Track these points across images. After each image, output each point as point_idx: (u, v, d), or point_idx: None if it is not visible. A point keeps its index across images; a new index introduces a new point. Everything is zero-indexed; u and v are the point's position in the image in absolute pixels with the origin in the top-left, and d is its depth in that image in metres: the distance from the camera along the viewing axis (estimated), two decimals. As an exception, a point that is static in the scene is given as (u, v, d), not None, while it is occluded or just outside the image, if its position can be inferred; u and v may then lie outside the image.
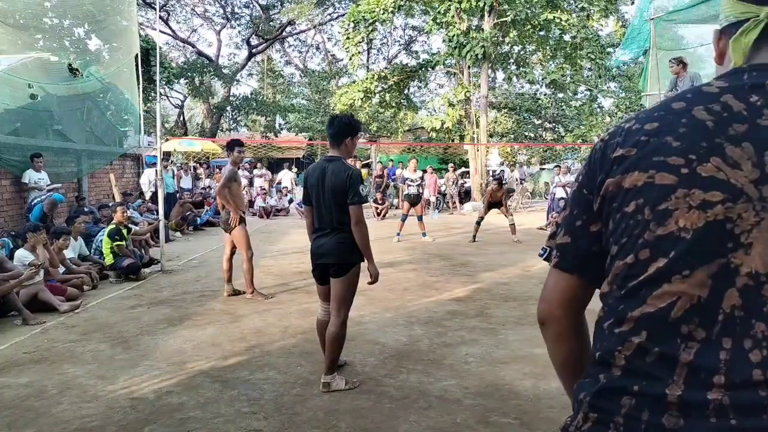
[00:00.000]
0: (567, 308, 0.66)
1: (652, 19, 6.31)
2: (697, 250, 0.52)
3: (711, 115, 0.55)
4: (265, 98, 21.29)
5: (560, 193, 9.35)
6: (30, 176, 5.79)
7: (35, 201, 5.56)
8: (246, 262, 4.05)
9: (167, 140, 11.31)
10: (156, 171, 6.10)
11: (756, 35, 0.58)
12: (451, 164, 14.05)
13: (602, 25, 12.57)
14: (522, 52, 13.59)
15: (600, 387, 0.56)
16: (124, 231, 5.09)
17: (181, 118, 21.82)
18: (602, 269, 0.61)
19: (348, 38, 12.62)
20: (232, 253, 4.18)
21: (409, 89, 15.33)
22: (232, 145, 4.14)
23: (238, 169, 4.24)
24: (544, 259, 0.68)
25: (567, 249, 0.64)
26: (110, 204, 6.82)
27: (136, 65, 6.80)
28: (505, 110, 17.79)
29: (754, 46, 0.59)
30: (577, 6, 12.21)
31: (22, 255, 4.04)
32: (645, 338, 0.54)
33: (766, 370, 0.48)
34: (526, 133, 17.88)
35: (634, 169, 0.56)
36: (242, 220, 4.10)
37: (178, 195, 8.83)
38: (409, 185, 7.55)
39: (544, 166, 16.30)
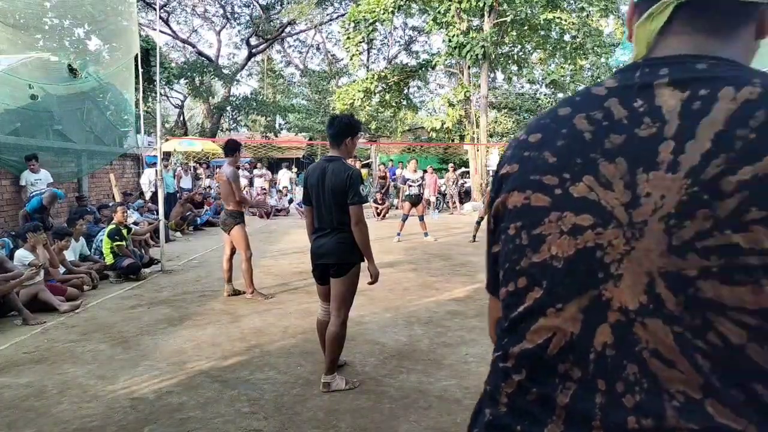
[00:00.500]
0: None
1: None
2: (569, 281, 0.47)
3: (591, 125, 0.49)
4: (264, 98, 21.30)
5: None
6: (26, 178, 5.78)
7: (33, 194, 5.55)
8: (245, 263, 4.05)
9: (167, 140, 11.31)
10: (156, 171, 6.10)
11: (664, 20, 0.50)
12: (451, 164, 14.05)
13: (602, 26, 12.57)
14: (522, 53, 13.59)
15: (487, 423, 0.52)
16: (124, 231, 5.09)
17: (181, 118, 21.82)
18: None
19: (348, 38, 12.62)
20: (232, 253, 4.18)
21: (409, 89, 15.34)
22: (237, 147, 4.16)
23: (238, 169, 4.26)
24: None
25: (488, 271, 0.61)
26: (110, 204, 6.82)
27: (136, 65, 6.80)
28: (505, 110, 17.80)
29: (660, 32, 0.51)
30: (577, 6, 12.21)
31: (22, 255, 4.04)
32: (525, 377, 0.49)
33: (641, 416, 0.42)
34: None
35: (514, 189, 0.52)
36: (241, 221, 4.10)
37: (178, 195, 8.83)
38: (410, 186, 7.55)
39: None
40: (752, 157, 0.41)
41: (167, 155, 9.69)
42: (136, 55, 7.05)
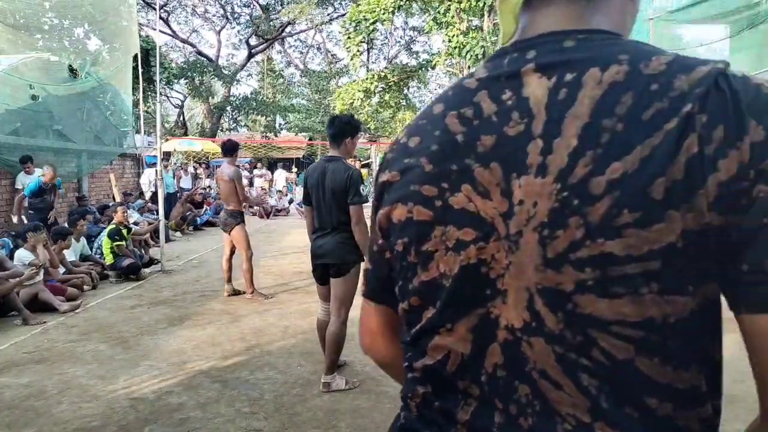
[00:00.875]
0: (385, 338, 0.56)
1: (651, 19, 6.30)
2: (457, 299, 0.44)
3: (463, 125, 0.44)
4: (264, 98, 21.31)
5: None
6: (22, 180, 5.76)
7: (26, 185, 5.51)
8: (245, 263, 4.04)
9: (167, 140, 11.32)
10: (156, 171, 6.10)
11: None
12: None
13: None
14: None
15: (400, 426, 0.51)
16: (124, 231, 5.10)
17: (181, 118, 21.84)
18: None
19: (349, 38, 12.63)
20: (232, 253, 4.18)
21: (408, 89, 15.35)
22: (235, 147, 4.15)
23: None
24: None
25: (370, 276, 0.55)
26: (111, 204, 6.82)
27: (135, 65, 6.80)
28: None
29: (527, 6, 0.45)
30: None
31: (23, 255, 4.04)
32: (429, 390, 0.47)
33: None
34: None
35: (397, 200, 0.47)
36: (241, 221, 4.10)
37: (178, 195, 8.84)
38: None
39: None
40: (620, 151, 0.36)
41: (167, 155, 9.70)
42: (136, 54, 7.05)
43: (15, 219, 5.37)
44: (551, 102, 0.40)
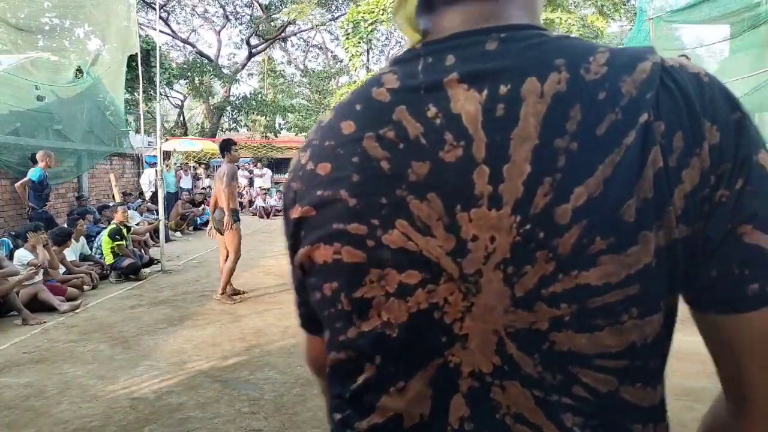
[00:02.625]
0: (323, 368, 0.48)
1: (651, 19, 6.31)
2: (408, 352, 0.37)
3: (385, 150, 0.37)
4: (264, 98, 21.32)
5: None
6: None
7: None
8: (231, 263, 3.97)
9: (167, 140, 11.32)
10: (156, 171, 6.10)
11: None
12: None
13: (603, 26, 12.58)
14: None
15: None
16: (124, 231, 5.09)
17: (181, 118, 21.84)
18: None
19: (347, 39, 12.64)
20: (238, 256, 4.14)
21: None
22: (229, 145, 4.11)
23: (238, 168, 4.24)
24: None
25: (299, 306, 0.49)
26: (111, 204, 6.82)
27: (135, 65, 6.79)
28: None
29: (428, 8, 0.40)
30: (578, 4, 12.23)
31: (22, 255, 4.04)
32: None
33: None
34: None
35: (319, 240, 0.40)
36: (237, 219, 4.02)
37: (178, 195, 8.84)
38: None
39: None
40: (581, 173, 0.33)
41: (168, 155, 9.70)
42: (136, 54, 7.04)
43: (25, 205, 5.36)
44: (488, 120, 0.35)
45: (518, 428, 0.36)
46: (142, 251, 5.78)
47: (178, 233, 7.96)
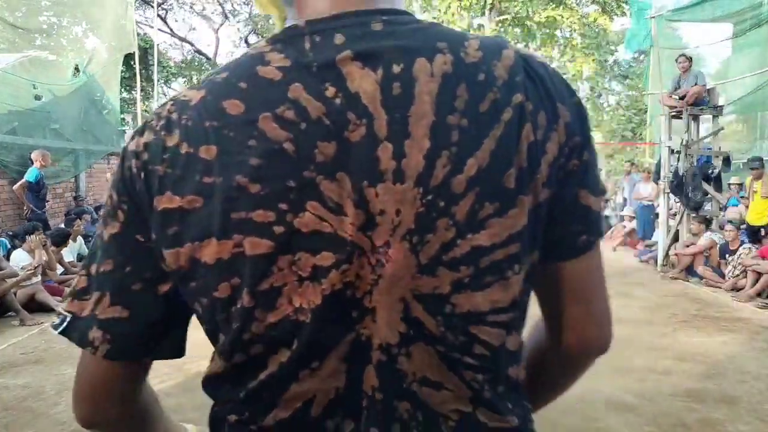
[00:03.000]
0: (131, 404, 0.46)
1: (653, 17, 6.28)
2: (322, 333, 0.38)
3: (286, 130, 0.36)
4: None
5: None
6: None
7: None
8: None
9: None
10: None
11: None
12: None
13: (605, 24, 12.54)
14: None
15: None
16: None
17: (181, 117, 21.70)
18: (183, 330, 0.44)
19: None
20: None
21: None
22: None
23: None
24: (61, 333, 0.43)
25: (124, 327, 0.41)
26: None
27: (132, 64, 6.76)
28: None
29: None
30: (581, 2, 12.20)
31: (20, 257, 4.03)
32: None
33: None
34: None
35: (208, 236, 0.36)
36: None
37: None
38: None
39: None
40: (472, 147, 0.36)
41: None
42: (133, 53, 7.01)
43: (25, 207, 5.33)
44: (386, 98, 0.36)
45: (424, 391, 0.39)
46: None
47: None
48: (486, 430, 0.40)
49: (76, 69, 7.18)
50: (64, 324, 0.43)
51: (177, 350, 0.45)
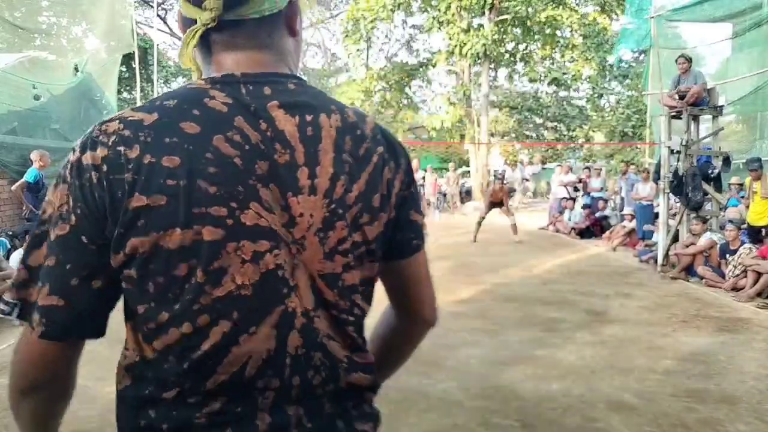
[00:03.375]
0: (63, 372, 0.55)
1: (652, 17, 6.28)
2: (259, 304, 0.51)
3: (236, 149, 0.50)
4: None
5: (562, 192, 9.34)
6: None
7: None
8: None
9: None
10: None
11: (196, 43, 0.54)
12: (451, 164, 14.03)
13: (604, 23, 12.53)
14: (526, 51, 13.55)
15: None
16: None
17: (181, 117, 21.65)
18: (105, 317, 0.54)
19: (348, 37, 12.59)
20: None
21: (410, 88, 15.29)
22: None
23: None
24: (18, 317, 0.52)
25: (59, 313, 0.50)
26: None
27: (132, 64, 6.75)
28: (506, 109, 17.77)
29: (226, 47, 0.55)
30: (581, 2, 12.19)
31: (19, 257, 4.02)
32: (224, 403, 0.51)
33: (328, 384, 0.55)
34: (527, 133, 17.86)
35: (173, 226, 0.48)
36: None
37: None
38: None
39: (545, 166, 16.35)
40: (356, 176, 0.55)
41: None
42: (133, 53, 7.01)
43: (24, 207, 5.32)
44: (303, 137, 0.53)
45: (329, 343, 0.55)
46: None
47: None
48: (360, 367, 0.58)
49: (75, 69, 7.17)
50: (17, 309, 0.52)
51: (99, 332, 0.55)
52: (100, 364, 2.83)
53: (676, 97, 5.33)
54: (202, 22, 0.53)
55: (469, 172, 13.60)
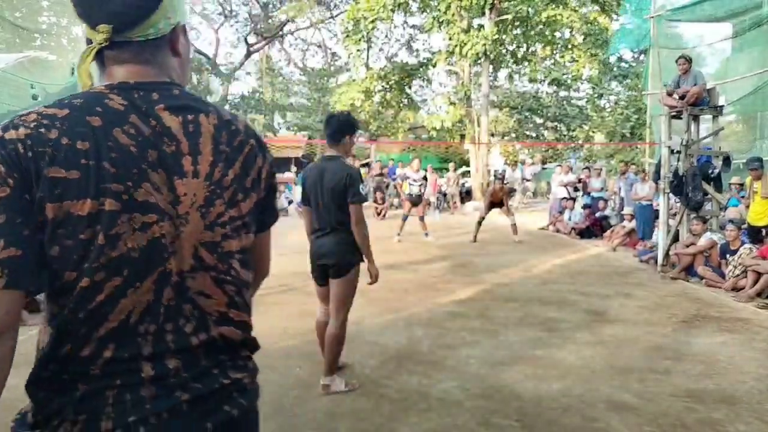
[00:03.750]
0: (16, 326, 0.62)
1: (652, 17, 6.28)
2: (144, 265, 0.63)
3: (131, 140, 0.63)
4: (261, 97, 21.25)
5: (562, 192, 9.33)
6: None
7: None
8: None
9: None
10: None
11: (91, 60, 0.67)
12: (452, 164, 14.02)
13: (604, 23, 12.53)
14: (527, 52, 13.54)
15: (82, 394, 0.63)
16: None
17: (181, 117, 21.64)
18: (46, 273, 0.62)
19: (348, 36, 12.59)
20: None
21: (410, 87, 15.27)
22: None
23: None
24: None
25: (18, 262, 0.59)
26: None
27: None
28: (506, 109, 17.77)
29: (120, 62, 0.68)
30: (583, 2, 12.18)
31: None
32: (114, 349, 0.63)
33: (198, 334, 0.67)
34: (528, 133, 17.86)
35: (85, 196, 0.60)
36: None
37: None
38: (411, 184, 7.54)
39: (545, 166, 16.35)
40: (232, 162, 0.70)
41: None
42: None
43: None
44: (186, 132, 0.67)
45: (200, 299, 0.68)
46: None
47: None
48: (232, 322, 0.71)
49: (73, 70, 7.17)
50: None
51: (44, 285, 0.64)
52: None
53: (676, 96, 5.33)
54: (97, 42, 0.66)
55: (469, 172, 13.59)
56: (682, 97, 5.26)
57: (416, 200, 7.46)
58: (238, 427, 0.69)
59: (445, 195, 12.36)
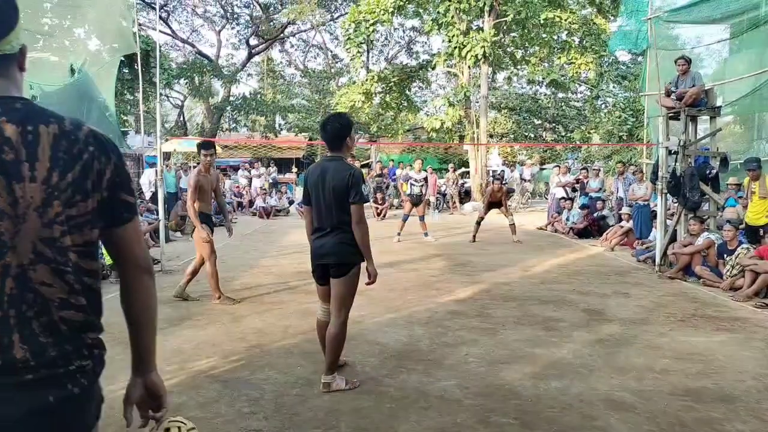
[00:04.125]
0: None
1: (649, 18, 6.31)
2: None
3: None
4: (263, 98, 21.27)
5: (560, 193, 9.36)
6: None
7: None
8: (210, 267, 3.91)
9: (167, 140, 11.29)
10: (156, 171, 6.10)
11: None
12: (451, 164, 14.06)
13: (603, 24, 12.56)
14: (525, 53, 13.58)
15: None
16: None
17: (181, 118, 21.84)
18: None
19: (349, 39, 12.62)
20: (215, 257, 4.01)
21: (410, 89, 15.32)
22: (198, 148, 3.97)
23: (208, 173, 3.93)
24: None
25: None
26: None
27: (135, 65, 6.76)
28: (505, 110, 17.81)
29: None
30: (582, 5, 12.22)
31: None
32: None
33: (39, 319, 0.78)
34: (526, 134, 17.90)
35: None
36: (208, 221, 3.95)
37: (178, 195, 8.83)
38: (413, 185, 7.57)
39: (544, 167, 16.37)
40: (69, 168, 0.80)
41: (168, 155, 9.68)
42: (135, 54, 7.02)
43: None
44: (25, 141, 0.78)
45: (42, 288, 0.79)
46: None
47: (178, 233, 7.95)
48: (72, 306, 0.82)
49: (72, 70, 7.18)
50: None
51: None
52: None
53: (674, 97, 5.35)
54: None
55: (468, 172, 13.62)
56: (680, 98, 5.29)
57: (416, 200, 7.48)
58: (65, 411, 0.80)
59: (444, 195, 12.39)
